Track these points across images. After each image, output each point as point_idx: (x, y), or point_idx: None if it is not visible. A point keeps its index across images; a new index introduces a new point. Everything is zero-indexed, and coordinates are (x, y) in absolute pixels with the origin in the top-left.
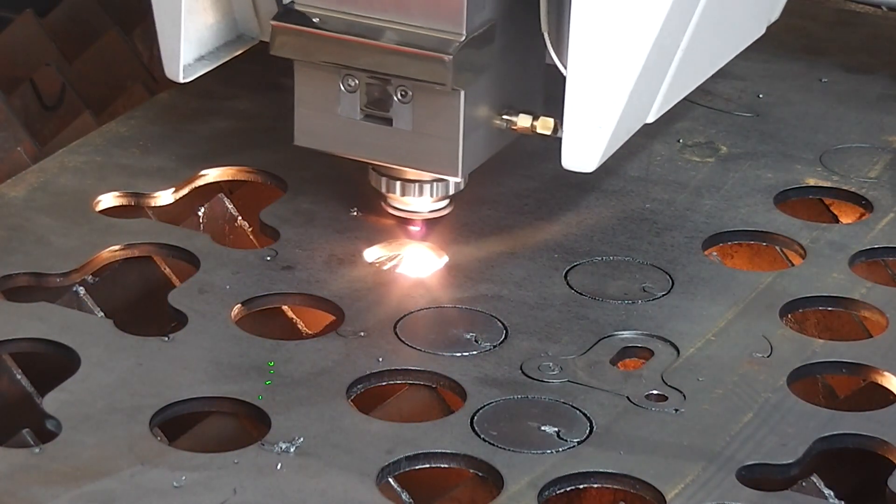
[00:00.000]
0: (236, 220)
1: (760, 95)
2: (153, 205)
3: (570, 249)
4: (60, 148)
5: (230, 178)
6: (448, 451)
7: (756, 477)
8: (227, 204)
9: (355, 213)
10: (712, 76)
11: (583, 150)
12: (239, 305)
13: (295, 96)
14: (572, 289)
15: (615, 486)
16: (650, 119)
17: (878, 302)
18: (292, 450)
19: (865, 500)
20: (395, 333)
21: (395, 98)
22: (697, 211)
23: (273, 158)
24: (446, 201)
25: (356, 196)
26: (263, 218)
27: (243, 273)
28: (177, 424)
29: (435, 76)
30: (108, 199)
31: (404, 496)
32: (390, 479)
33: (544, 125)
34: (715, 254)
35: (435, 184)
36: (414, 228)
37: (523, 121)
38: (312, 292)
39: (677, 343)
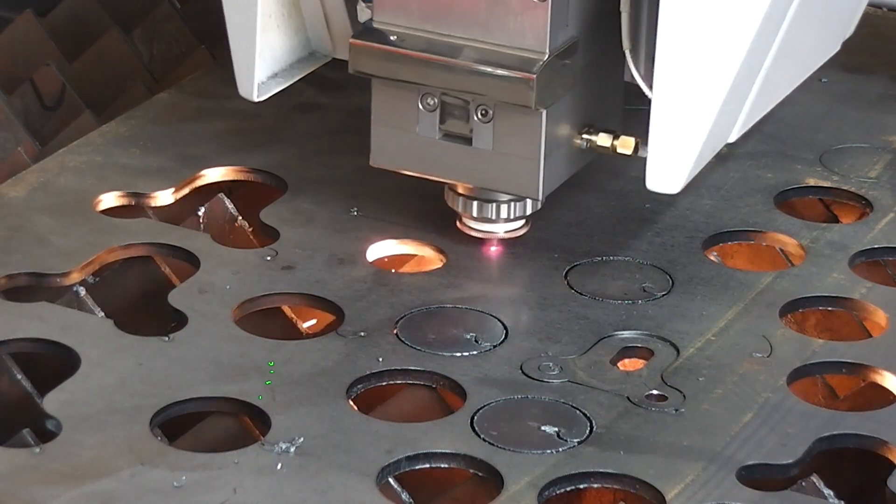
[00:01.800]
0: (236, 220)
1: None
2: (153, 205)
3: (570, 249)
4: (60, 148)
5: (230, 178)
6: (448, 451)
7: (756, 477)
8: (227, 204)
9: (355, 213)
10: None
11: (668, 172)
12: (239, 305)
13: (372, 115)
14: (572, 289)
15: (615, 486)
16: (732, 139)
17: (878, 302)
18: (292, 450)
19: (865, 500)
20: (395, 333)
21: (475, 117)
22: (697, 211)
23: (273, 158)
24: (522, 220)
25: (356, 196)
26: (263, 218)
27: (243, 273)
28: (177, 424)
29: (518, 96)
30: (109, 199)
31: (404, 496)
32: (390, 479)
33: (625, 144)
34: (715, 254)
35: (513, 203)
36: (492, 248)
37: (603, 140)
38: (312, 292)
39: (677, 343)
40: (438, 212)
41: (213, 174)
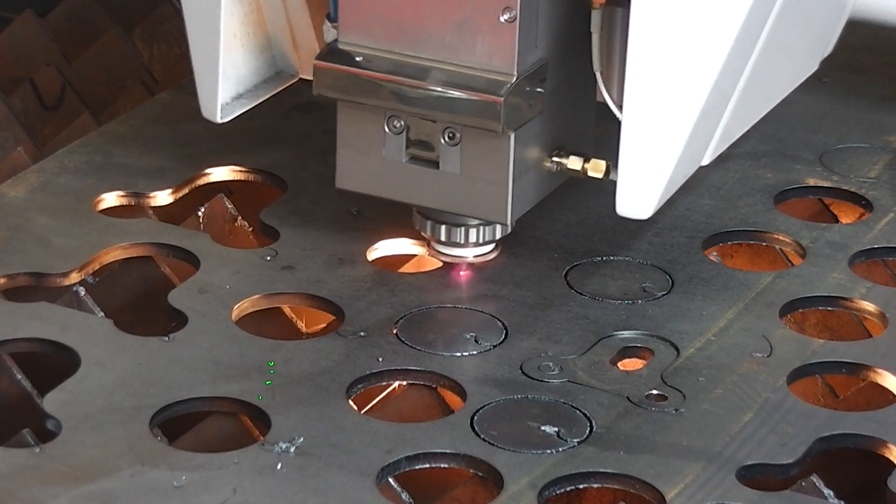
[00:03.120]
0: (236, 220)
1: None
2: (153, 205)
3: (570, 249)
4: (60, 148)
5: (230, 178)
6: (448, 451)
7: (756, 477)
8: (227, 204)
9: (355, 213)
10: None
11: (638, 197)
12: (239, 305)
13: (338, 138)
14: (572, 289)
15: (615, 486)
16: (705, 161)
17: (878, 302)
18: (292, 450)
19: (865, 500)
20: (395, 333)
21: (443, 140)
22: (697, 211)
23: (273, 158)
24: (493, 245)
25: (356, 196)
26: (263, 218)
27: (243, 273)
28: (177, 424)
29: (485, 120)
30: (109, 199)
31: (404, 496)
32: (390, 479)
33: (596, 168)
34: (715, 254)
35: (482, 228)
36: (461, 273)
37: (574, 163)
38: (312, 292)
39: (677, 343)
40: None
41: (213, 174)
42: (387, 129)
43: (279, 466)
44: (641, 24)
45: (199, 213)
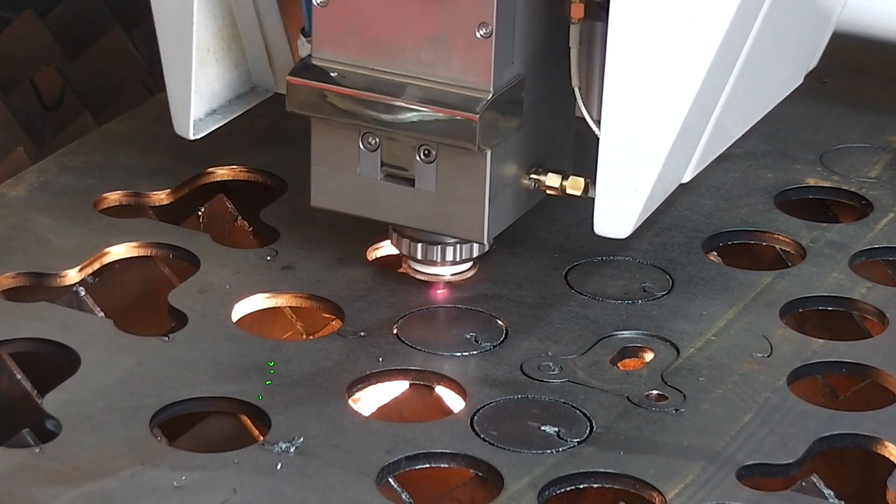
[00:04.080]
0: (236, 220)
1: None
2: (153, 205)
3: (570, 249)
4: (60, 148)
5: (230, 178)
6: (448, 451)
7: (756, 477)
8: (227, 204)
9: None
10: None
11: (617, 216)
12: (239, 305)
13: (312, 155)
14: (572, 289)
15: (615, 486)
16: (686, 179)
17: (878, 302)
18: (292, 450)
19: (865, 500)
20: (395, 333)
21: (418, 158)
22: (697, 211)
23: (273, 158)
24: (470, 263)
25: None
26: (263, 218)
27: (243, 273)
28: (177, 424)
29: (460, 137)
30: (109, 199)
31: (404, 496)
32: (390, 479)
33: (574, 185)
34: (715, 254)
35: (459, 246)
36: (439, 291)
37: (552, 180)
38: (312, 292)
39: (677, 343)
40: None
41: (213, 174)
42: (361, 147)
43: (279, 466)
44: (620, 40)
45: (199, 213)
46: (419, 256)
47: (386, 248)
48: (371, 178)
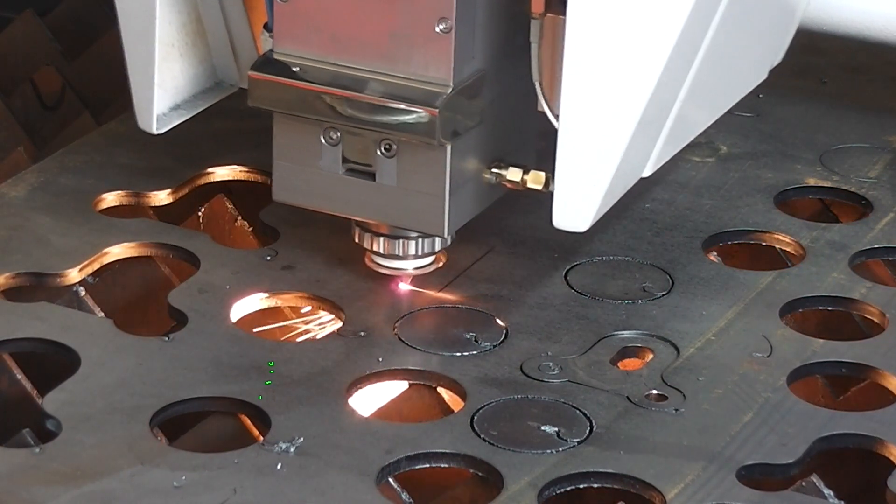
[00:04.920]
0: (236, 220)
1: (760, 95)
2: (153, 205)
3: (570, 249)
4: (60, 148)
5: (230, 178)
6: (448, 451)
7: (756, 477)
8: (227, 204)
9: None
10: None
11: (575, 209)
12: (239, 305)
13: (274, 149)
14: (572, 289)
15: (615, 486)
16: (646, 173)
17: (878, 302)
18: (292, 450)
19: (865, 500)
20: (395, 333)
21: (379, 152)
22: (697, 211)
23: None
24: (433, 257)
25: None
26: (263, 218)
27: (243, 273)
28: (177, 424)
29: (420, 132)
30: (109, 199)
31: (404, 496)
32: (390, 479)
33: (536, 179)
34: (715, 254)
35: (421, 240)
36: (402, 285)
37: (513, 174)
38: (312, 292)
39: (677, 343)
40: None
41: (213, 174)
42: (323, 141)
43: (279, 466)
44: (577, 33)
45: (199, 213)
46: (381, 250)
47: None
48: (332, 173)
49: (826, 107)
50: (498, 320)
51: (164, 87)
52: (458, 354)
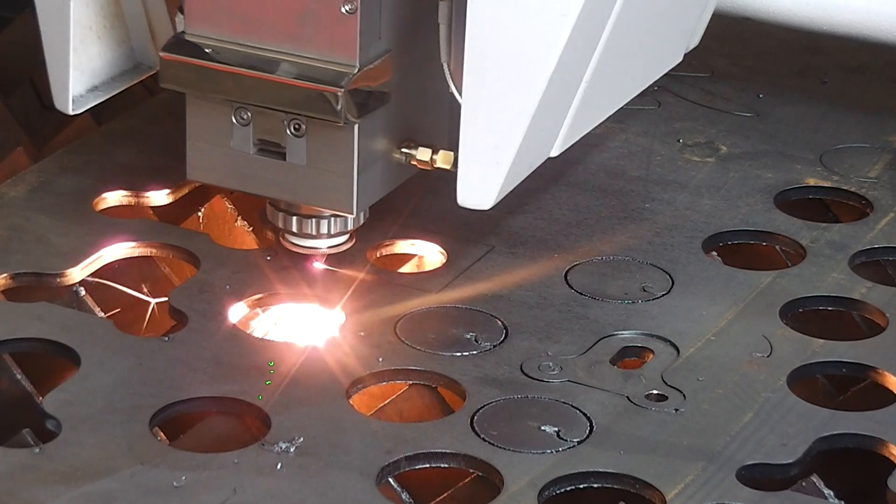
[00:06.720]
0: (236, 220)
1: (760, 95)
2: (153, 205)
3: (570, 249)
4: (60, 148)
5: None
6: (448, 451)
7: (756, 477)
8: (227, 204)
9: None
10: (709, 76)
11: (479, 187)
12: (238, 305)
13: (187, 129)
14: (572, 289)
15: (615, 486)
16: (554, 153)
17: (878, 302)
18: (292, 450)
19: (865, 500)
20: (395, 333)
21: (288, 132)
22: (697, 211)
23: None
24: (347, 236)
25: None
26: (263, 218)
27: (243, 273)
28: (177, 424)
29: (326, 111)
30: (109, 199)
31: (404, 496)
32: (390, 479)
33: (445, 159)
34: (715, 254)
35: (334, 219)
36: (317, 265)
37: (422, 154)
38: (312, 292)
39: (677, 343)
40: (439, 211)
41: None
42: (234, 121)
43: (279, 466)
44: (477, 13)
45: (199, 213)
46: (294, 230)
47: (386, 248)
48: (244, 153)
49: (826, 107)
50: (498, 320)
51: (80, 69)
52: (458, 354)
